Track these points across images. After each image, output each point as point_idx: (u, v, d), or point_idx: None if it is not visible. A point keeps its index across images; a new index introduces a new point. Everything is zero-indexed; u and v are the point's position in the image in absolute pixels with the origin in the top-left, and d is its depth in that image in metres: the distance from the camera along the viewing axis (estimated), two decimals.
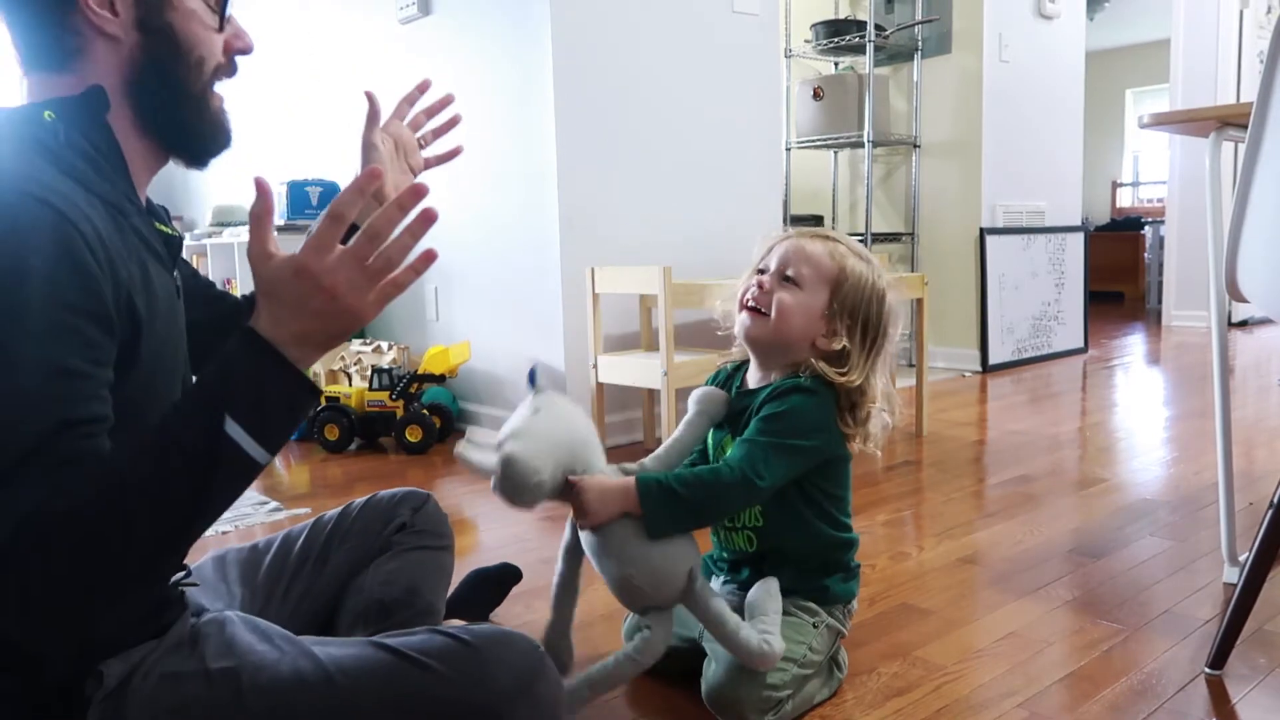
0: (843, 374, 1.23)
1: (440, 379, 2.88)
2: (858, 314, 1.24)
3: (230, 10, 0.93)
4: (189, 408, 0.76)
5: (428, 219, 0.77)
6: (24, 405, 0.71)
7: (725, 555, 1.33)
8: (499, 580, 1.58)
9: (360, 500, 1.31)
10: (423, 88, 1.30)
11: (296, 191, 3.55)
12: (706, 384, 1.37)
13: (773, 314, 1.24)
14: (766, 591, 1.21)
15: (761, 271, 1.28)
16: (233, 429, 0.74)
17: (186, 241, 4.19)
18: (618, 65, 2.77)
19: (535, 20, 2.67)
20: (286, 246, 0.79)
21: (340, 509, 1.31)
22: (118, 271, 0.78)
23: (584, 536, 1.18)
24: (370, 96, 1.20)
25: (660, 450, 1.27)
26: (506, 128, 2.83)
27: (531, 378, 1.17)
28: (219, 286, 1.23)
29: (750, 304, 1.26)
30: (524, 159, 2.77)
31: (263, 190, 0.81)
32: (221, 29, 0.92)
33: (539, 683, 0.90)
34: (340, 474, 2.59)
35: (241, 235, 3.70)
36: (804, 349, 1.25)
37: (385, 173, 1.07)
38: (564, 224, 2.68)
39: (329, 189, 3.62)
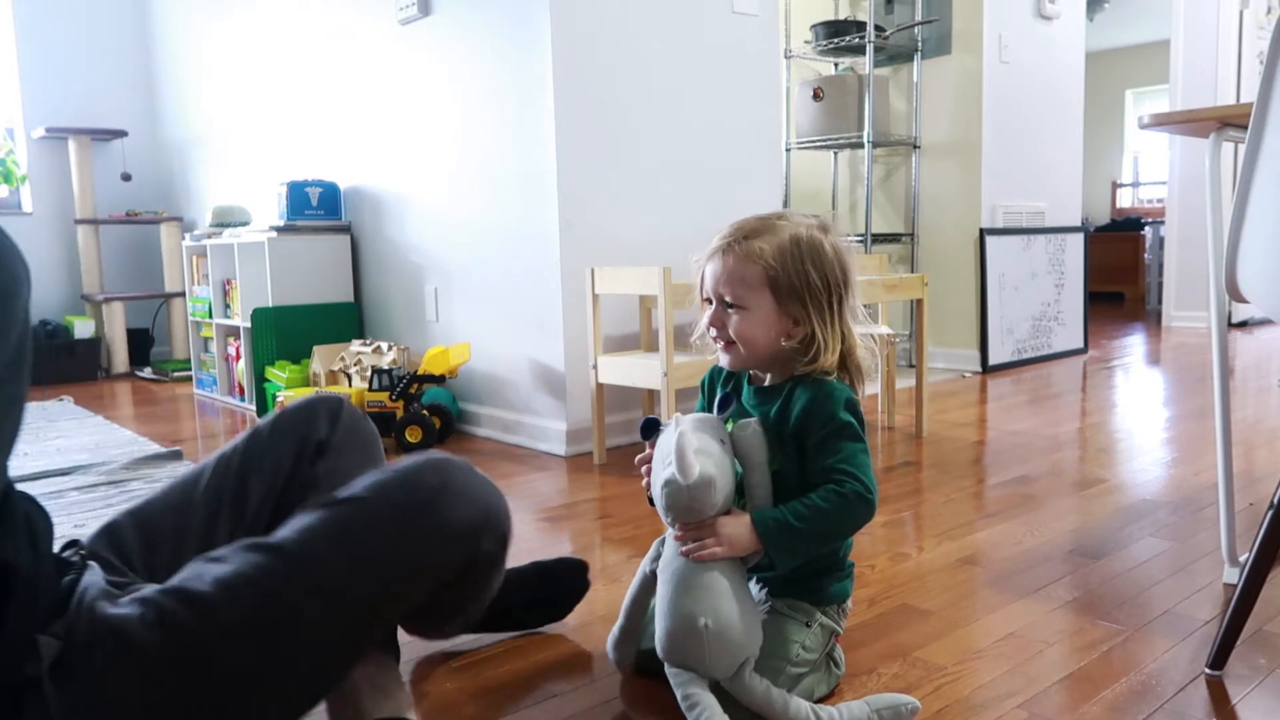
0: (817, 361, 1.22)
1: (440, 380, 2.88)
2: (803, 292, 1.21)
3: None
4: None
5: None
6: None
7: None
8: (570, 572, 1.51)
9: (267, 420, 1.17)
10: None
11: (296, 192, 3.55)
12: (707, 378, 1.36)
13: (740, 344, 1.23)
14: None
15: (707, 301, 1.27)
16: None
17: (185, 243, 4.19)
18: (617, 65, 2.77)
19: (535, 21, 2.66)
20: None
21: (245, 435, 1.15)
22: None
23: (672, 572, 1.17)
24: None
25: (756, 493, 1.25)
26: (506, 128, 2.83)
27: (724, 405, 1.24)
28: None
29: (715, 340, 1.26)
30: (524, 159, 2.77)
31: None
32: None
33: (453, 468, 1.00)
34: None
35: (241, 235, 3.70)
36: (781, 349, 1.24)
37: None
38: (564, 224, 2.68)
39: (329, 190, 3.62)
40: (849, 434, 1.19)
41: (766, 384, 1.29)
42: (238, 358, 3.79)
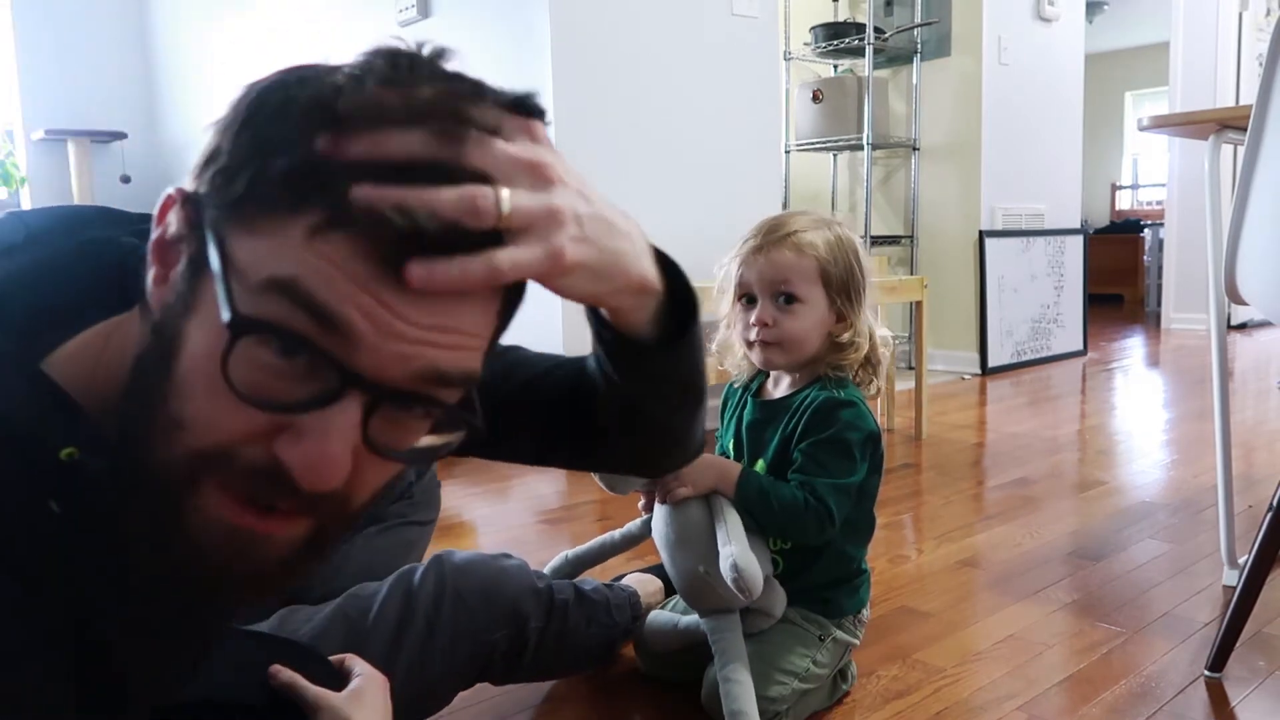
0: (852, 353, 1.21)
1: None
2: (847, 286, 1.22)
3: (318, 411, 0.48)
4: None
5: None
6: None
7: None
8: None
9: None
10: None
11: None
12: (724, 398, 1.35)
13: (788, 344, 1.21)
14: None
15: (750, 302, 1.23)
16: None
17: None
18: (617, 67, 2.77)
19: (535, 23, 2.67)
20: None
21: None
22: None
23: (661, 527, 1.18)
24: None
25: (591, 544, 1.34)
26: None
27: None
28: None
29: (759, 340, 1.22)
30: None
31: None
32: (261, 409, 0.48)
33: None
34: None
35: None
36: (822, 347, 1.23)
37: None
38: None
39: None
40: (842, 450, 1.17)
41: (776, 396, 1.26)
42: None
